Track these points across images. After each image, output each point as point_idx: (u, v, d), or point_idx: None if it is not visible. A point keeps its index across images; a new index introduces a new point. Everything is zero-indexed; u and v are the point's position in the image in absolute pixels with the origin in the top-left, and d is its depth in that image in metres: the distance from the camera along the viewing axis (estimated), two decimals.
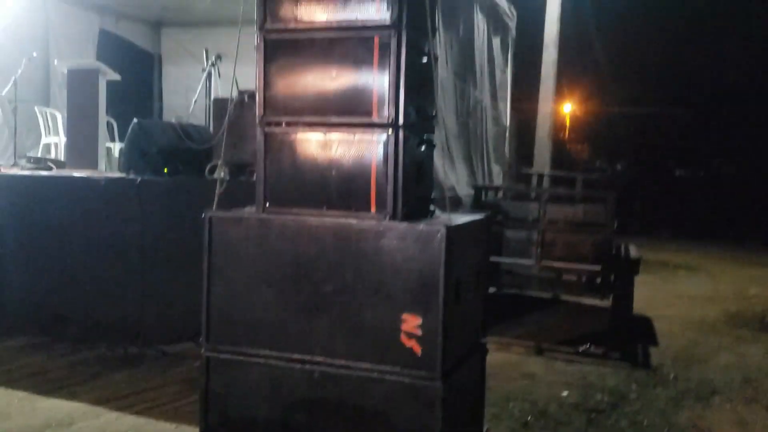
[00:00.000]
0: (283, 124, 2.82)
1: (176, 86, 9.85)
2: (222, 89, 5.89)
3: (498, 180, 8.67)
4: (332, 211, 2.77)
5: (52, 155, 7.77)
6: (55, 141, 7.84)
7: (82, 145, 6.22)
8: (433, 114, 3.02)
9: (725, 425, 3.86)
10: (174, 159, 5.07)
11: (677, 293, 8.34)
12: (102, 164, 6.65)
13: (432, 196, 3.18)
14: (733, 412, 4.08)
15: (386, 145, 2.70)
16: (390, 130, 2.69)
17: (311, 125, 2.79)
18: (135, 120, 5.11)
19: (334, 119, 2.76)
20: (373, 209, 2.73)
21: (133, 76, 10.05)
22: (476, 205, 6.26)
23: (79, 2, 8.92)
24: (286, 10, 2.79)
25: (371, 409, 2.72)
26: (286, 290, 2.81)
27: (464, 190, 6.66)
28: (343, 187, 2.77)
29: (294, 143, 2.82)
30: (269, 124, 2.83)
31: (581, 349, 5.37)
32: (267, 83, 2.83)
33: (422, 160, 2.95)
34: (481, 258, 3.17)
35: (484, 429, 3.66)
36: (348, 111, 2.74)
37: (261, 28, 2.81)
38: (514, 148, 15.74)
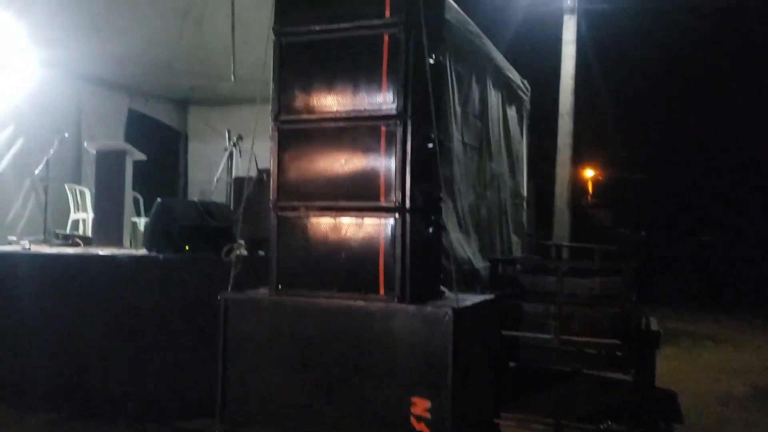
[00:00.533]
0: (296, 209, 2.93)
1: (201, 162, 10.15)
2: (243, 167, 6.09)
3: (517, 251, 8.68)
4: (342, 293, 2.85)
5: (81, 231, 8.00)
6: (83, 217, 8.08)
7: (108, 223, 6.42)
8: (440, 197, 3.12)
9: None
10: (195, 236, 5.20)
11: (703, 366, 8.16)
12: (127, 239, 6.83)
13: (443, 271, 3.25)
14: None
15: (393, 228, 2.80)
16: (397, 214, 2.79)
17: (322, 209, 2.91)
18: (159, 199, 5.29)
19: (344, 203, 2.88)
20: (381, 291, 2.81)
21: (160, 153, 10.40)
22: (493, 278, 6.28)
23: (110, 85, 9.32)
24: (298, 102, 2.96)
25: None
26: (298, 371, 2.87)
27: (481, 263, 6.68)
28: (353, 270, 2.86)
29: (306, 226, 2.93)
30: (282, 208, 2.95)
31: (602, 426, 5.26)
32: (281, 170, 2.97)
33: (430, 242, 3.03)
34: (491, 337, 3.21)
35: None
36: (357, 196, 2.86)
37: (275, 119, 2.97)
38: (534, 217, 15.73)
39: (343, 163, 2.88)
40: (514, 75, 8.74)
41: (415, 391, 2.69)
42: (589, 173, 34.54)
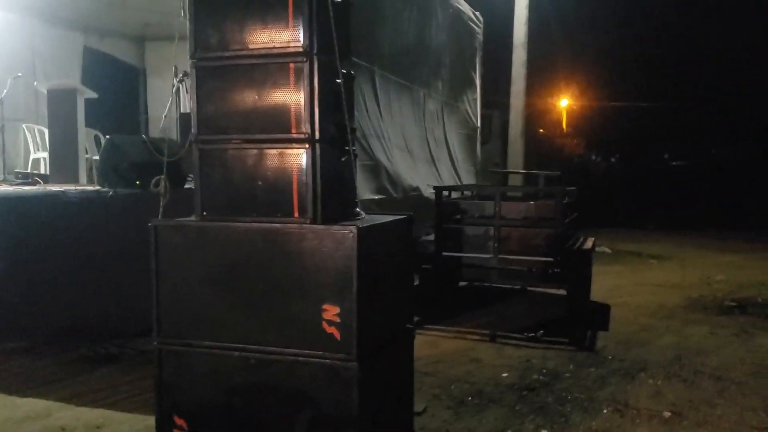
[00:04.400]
0: (215, 142, 3.19)
1: (161, 98, 10.25)
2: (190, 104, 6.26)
3: (469, 180, 9.02)
4: (260, 217, 3.14)
5: (42, 170, 8.18)
6: (43, 156, 8.24)
7: (64, 160, 6.62)
8: (353, 128, 3.39)
9: (641, 398, 4.22)
10: (145, 172, 5.44)
11: (643, 282, 8.68)
12: (85, 175, 7.04)
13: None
14: (653, 386, 4.45)
15: (304, 157, 3.07)
16: (307, 144, 3.07)
17: (239, 142, 3.17)
18: (108, 137, 5.50)
19: (259, 136, 3.14)
20: (296, 215, 3.10)
21: (119, 90, 10.50)
22: (437, 204, 6.63)
23: (64, 22, 9.31)
24: (213, 40, 3.17)
25: (300, 389, 3.09)
26: (223, 288, 3.18)
27: (428, 191, 7.02)
28: (270, 196, 3.14)
29: (225, 158, 3.19)
30: (203, 142, 3.21)
31: (531, 335, 5.72)
32: (200, 105, 3.20)
33: (342, 170, 3.31)
34: (402, 253, 3.54)
35: (422, 408, 4.04)
36: (271, 128, 3.11)
37: (192, 57, 3.19)
38: (501, 147, 16.02)
39: (256, 98, 3.12)
40: (464, 7, 8.88)
41: (327, 300, 3.02)
42: (563, 103, 34.71)
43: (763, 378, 4.65)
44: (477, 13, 9.46)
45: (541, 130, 31.54)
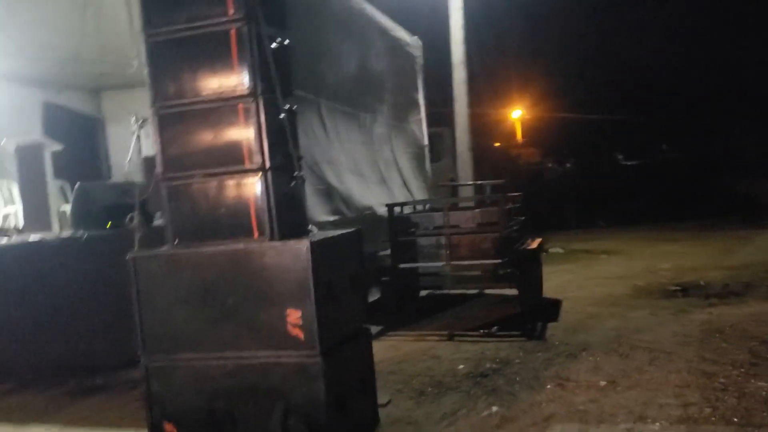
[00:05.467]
0: (180, 178, 3.65)
1: (121, 145, 10.55)
2: (152, 148, 6.67)
3: (421, 195, 9.53)
4: (225, 240, 3.60)
5: (13, 223, 8.48)
6: (14, 210, 8.55)
7: (36, 212, 6.97)
8: (300, 156, 3.87)
9: (581, 372, 4.73)
10: (116, 214, 5.84)
11: (592, 276, 9.25)
12: (57, 225, 7.38)
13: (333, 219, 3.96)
14: (592, 362, 4.97)
15: (259, 184, 3.55)
16: (260, 173, 3.54)
17: (201, 176, 3.63)
18: (78, 184, 5.90)
19: (218, 170, 3.61)
20: (256, 235, 3.57)
21: (80, 141, 10.82)
22: (390, 219, 7.12)
23: (20, 79, 9.63)
24: (170, 90, 3.65)
25: (273, 386, 3.54)
26: (198, 306, 3.62)
27: (381, 209, 7.49)
28: (232, 221, 3.61)
29: (190, 192, 3.65)
30: (169, 179, 3.66)
31: (486, 331, 6.22)
32: (163, 148, 3.67)
33: (293, 193, 3.79)
34: (354, 263, 4.01)
35: (386, 401, 4.49)
36: (227, 162, 3.59)
37: (153, 105, 3.66)
38: (453, 162, 16.63)
39: (212, 137, 3.59)
40: (401, 34, 9.47)
41: (289, 306, 3.48)
42: (516, 114, 35.69)
43: (689, 345, 5.21)
44: (415, 37, 10.05)
45: (497, 144, 32.47)
